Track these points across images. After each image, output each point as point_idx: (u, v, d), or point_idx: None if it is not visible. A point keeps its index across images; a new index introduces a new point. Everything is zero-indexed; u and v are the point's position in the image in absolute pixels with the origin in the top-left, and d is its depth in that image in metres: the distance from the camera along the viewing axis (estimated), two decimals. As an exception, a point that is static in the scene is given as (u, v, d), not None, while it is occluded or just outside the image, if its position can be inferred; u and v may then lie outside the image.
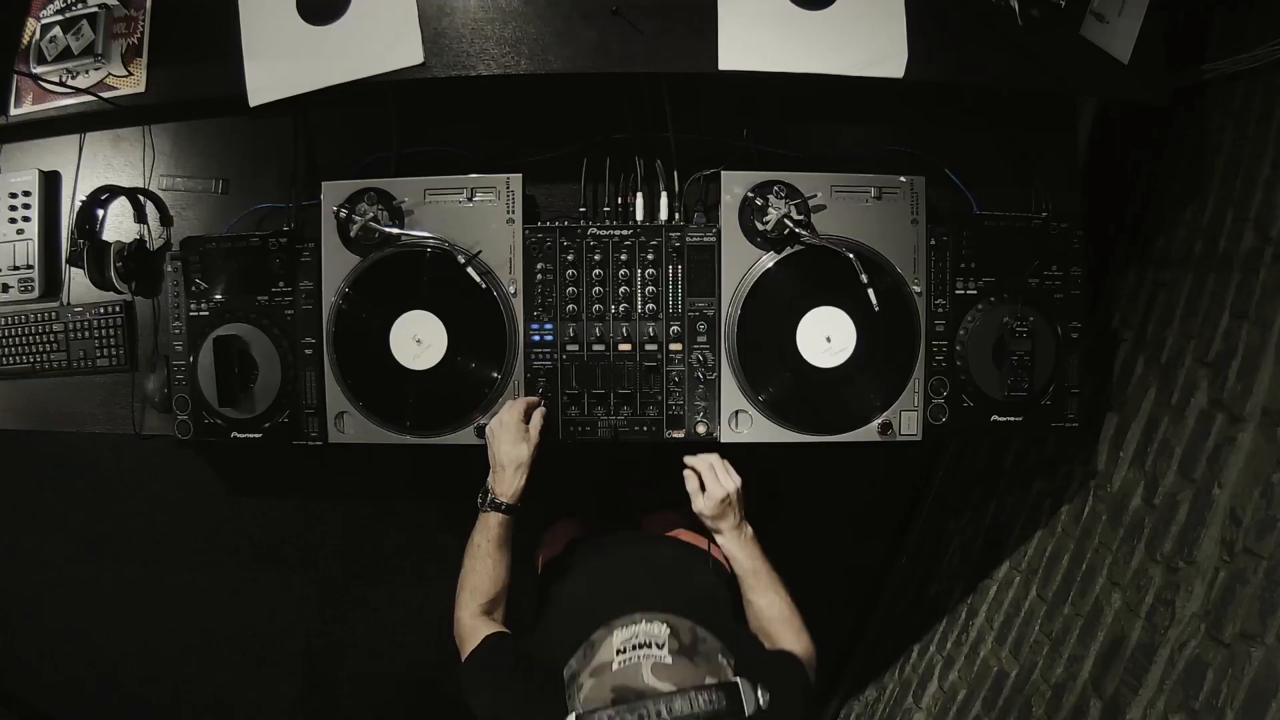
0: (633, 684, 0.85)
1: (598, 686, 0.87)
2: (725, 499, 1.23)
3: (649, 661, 0.87)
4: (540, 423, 1.34)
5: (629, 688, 0.85)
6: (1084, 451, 1.70)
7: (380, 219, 1.44)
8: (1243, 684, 1.17)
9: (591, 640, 0.93)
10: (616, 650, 0.89)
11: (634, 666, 0.87)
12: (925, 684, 2.11)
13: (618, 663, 0.88)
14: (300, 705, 2.48)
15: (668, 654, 0.88)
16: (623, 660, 0.88)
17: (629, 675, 0.86)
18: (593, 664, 0.90)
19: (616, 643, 0.90)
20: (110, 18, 1.51)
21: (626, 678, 0.86)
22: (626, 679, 0.86)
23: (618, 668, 0.87)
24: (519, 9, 1.39)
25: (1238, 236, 1.41)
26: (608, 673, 0.87)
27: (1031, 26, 1.35)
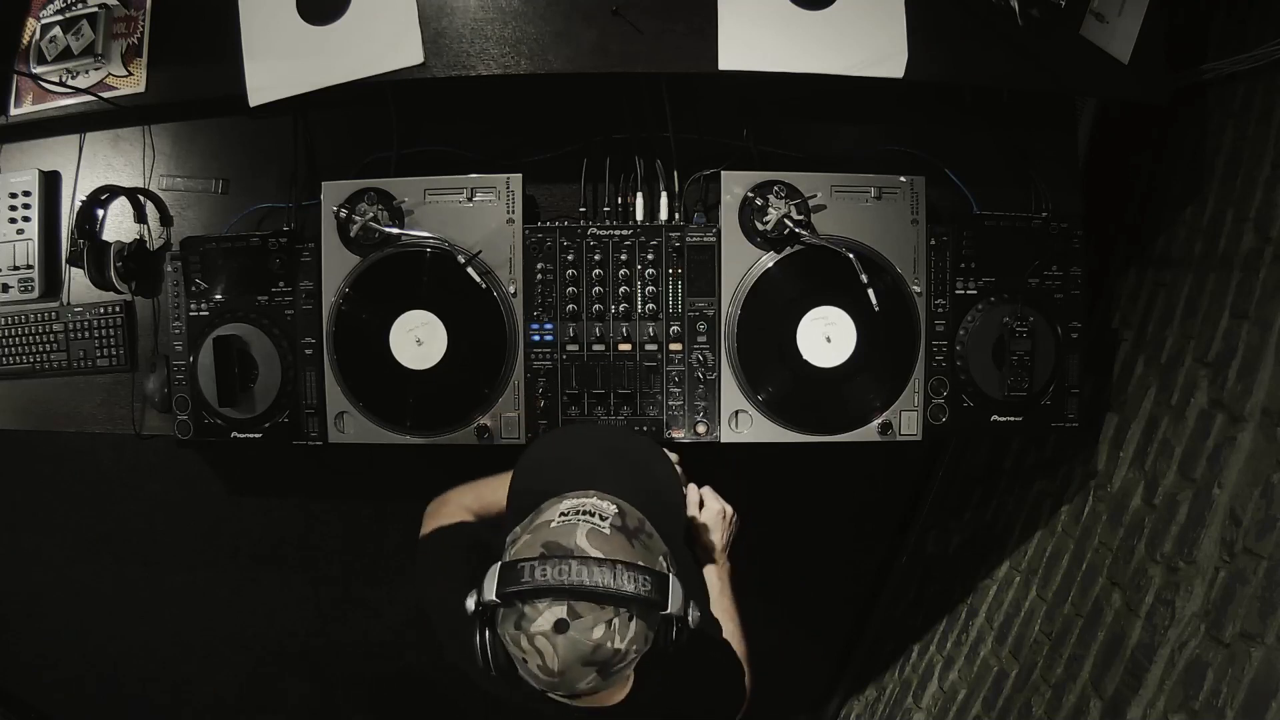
0: (564, 541, 0.82)
1: (530, 542, 0.84)
2: (723, 514, 1.24)
3: (586, 526, 0.83)
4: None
5: (559, 544, 0.82)
6: (1084, 451, 1.70)
7: (380, 219, 1.44)
8: (1243, 684, 1.17)
9: (540, 507, 0.90)
10: (559, 513, 0.86)
11: (570, 526, 0.83)
12: (925, 684, 2.11)
13: (556, 522, 0.85)
14: (300, 705, 2.48)
15: (608, 527, 0.84)
16: (562, 521, 0.85)
17: (562, 534, 0.83)
18: (533, 524, 0.87)
19: (562, 507, 0.87)
20: (110, 18, 1.51)
21: (559, 535, 0.83)
22: (559, 536, 0.83)
23: (554, 526, 0.84)
24: (519, 9, 1.39)
25: (1238, 236, 1.41)
26: (544, 530, 0.84)
27: (1031, 26, 1.35)
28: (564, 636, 0.79)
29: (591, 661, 0.80)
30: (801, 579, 1.31)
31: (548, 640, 0.79)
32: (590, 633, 0.79)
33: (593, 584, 0.79)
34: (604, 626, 0.79)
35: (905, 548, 2.37)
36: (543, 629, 0.79)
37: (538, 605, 0.79)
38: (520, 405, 1.47)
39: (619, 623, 0.80)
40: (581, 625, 0.79)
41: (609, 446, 1.14)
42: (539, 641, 0.79)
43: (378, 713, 2.49)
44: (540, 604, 0.79)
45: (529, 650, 0.80)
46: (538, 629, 0.79)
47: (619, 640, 0.80)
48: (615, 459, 1.06)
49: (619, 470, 1.01)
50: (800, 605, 1.26)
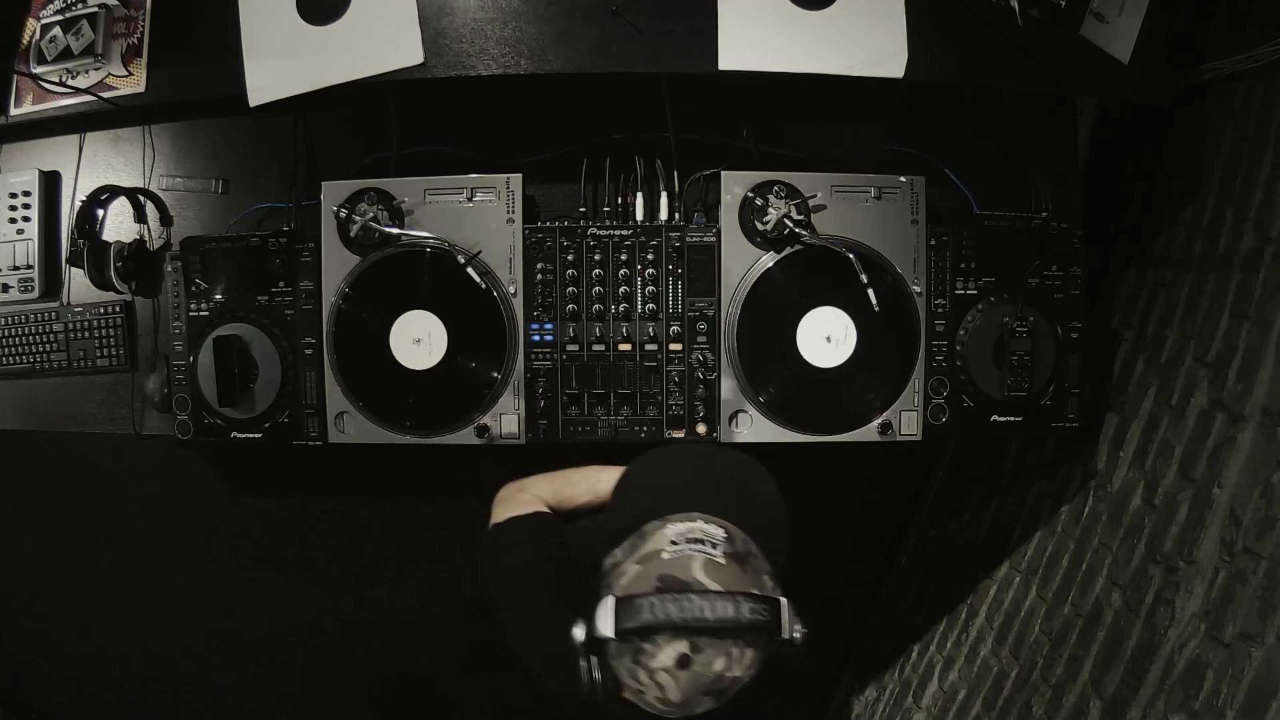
0: (681, 575, 0.80)
1: (643, 574, 0.82)
2: None
3: (701, 557, 0.82)
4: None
5: (676, 578, 0.80)
6: (1084, 451, 1.70)
7: (380, 219, 1.44)
8: (1243, 684, 1.17)
9: (643, 530, 0.88)
10: (670, 541, 0.84)
11: (685, 559, 0.82)
12: (925, 684, 2.11)
13: (668, 552, 0.83)
14: (300, 705, 2.48)
15: (721, 555, 0.83)
16: (675, 551, 0.83)
17: (679, 566, 0.81)
18: (641, 552, 0.85)
19: (670, 534, 0.85)
20: (110, 18, 1.51)
21: (675, 568, 0.81)
22: (675, 569, 0.81)
23: (668, 557, 0.82)
24: (519, 9, 1.39)
25: (1238, 236, 1.41)
26: (656, 561, 0.82)
27: (1031, 26, 1.35)
28: (687, 671, 0.78)
29: (711, 690, 0.80)
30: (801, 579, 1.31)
31: (670, 675, 0.78)
32: (711, 665, 0.79)
33: (716, 619, 0.78)
34: (724, 658, 0.79)
35: (905, 548, 2.37)
36: (664, 665, 0.78)
37: (657, 641, 0.79)
38: (520, 405, 1.47)
39: (738, 652, 0.80)
40: (703, 659, 0.78)
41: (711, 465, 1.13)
42: (660, 677, 0.79)
43: (378, 713, 2.49)
44: (660, 639, 0.78)
45: (648, 684, 0.79)
46: (659, 665, 0.78)
47: (738, 669, 0.80)
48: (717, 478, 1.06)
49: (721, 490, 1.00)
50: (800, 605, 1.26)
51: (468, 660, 2.38)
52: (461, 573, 2.38)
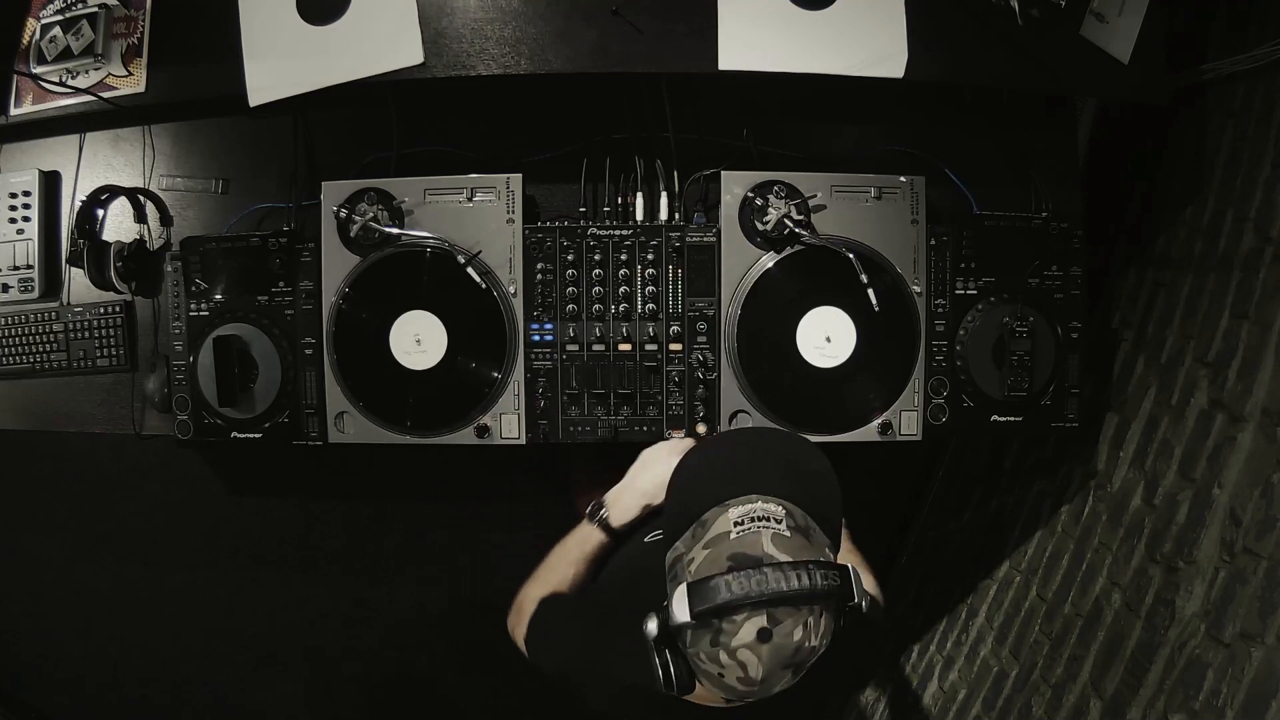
0: (752, 551, 0.81)
1: (713, 556, 0.82)
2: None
3: (769, 532, 0.82)
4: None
5: (748, 554, 0.81)
6: (1084, 451, 1.70)
7: (380, 219, 1.44)
8: (1243, 684, 1.17)
9: (704, 519, 0.88)
10: (734, 523, 0.84)
11: (754, 535, 0.82)
12: (925, 684, 2.11)
13: (735, 533, 0.83)
14: (300, 705, 2.48)
15: (786, 529, 0.84)
16: (741, 530, 0.83)
17: (748, 543, 0.82)
18: (706, 538, 0.85)
19: (733, 516, 0.85)
20: (110, 18, 1.51)
21: (745, 545, 0.82)
22: (745, 546, 0.81)
23: (735, 536, 0.83)
24: (519, 9, 1.39)
25: (1238, 236, 1.41)
26: (725, 542, 0.83)
27: (1031, 26, 1.35)
28: (768, 645, 0.78)
29: (791, 663, 0.80)
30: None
31: (751, 651, 0.79)
32: (792, 636, 0.79)
33: (791, 588, 0.78)
34: (802, 628, 0.79)
35: (905, 548, 2.37)
36: (746, 640, 0.78)
37: (735, 619, 0.79)
38: (520, 405, 1.47)
39: (813, 621, 0.80)
40: (783, 630, 0.79)
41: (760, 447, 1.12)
42: (741, 654, 0.79)
43: (378, 713, 2.49)
44: (738, 617, 0.79)
45: (729, 664, 0.79)
46: (740, 641, 0.79)
47: (814, 638, 0.81)
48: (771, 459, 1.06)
49: (776, 469, 1.00)
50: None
51: (467, 660, 2.38)
52: (461, 573, 2.38)
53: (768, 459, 1.05)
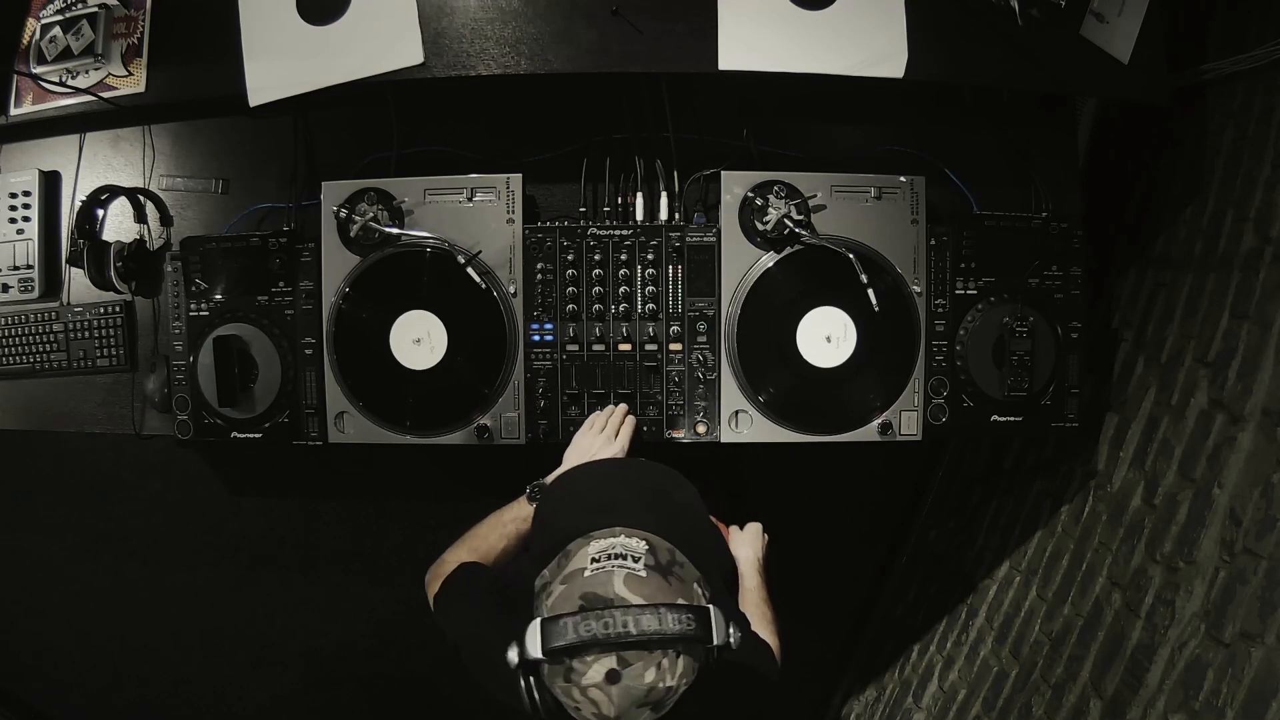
0: (602, 592, 0.81)
1: (566, 593, 0.83)
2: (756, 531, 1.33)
3: (622, 572, 0.83)
4: (630, 434, 1.35)
5: (598, 595, 0.81)
6: (1084, 451, 1.70)
7: (380, 219, 1.44)
8: (1243, 684, 1.17)
9: (567, 550, 0.89)
10: (591, 558, 0.85)
11: (606, 574, 0.82)
12: (925, 684, 2.11)
13: (590, 570, 0.84)
14: (300, 705, 2.48)
15: (642, 568, 0.83)
16: (595, 568, 0.84)
17: (600, 583, 0.82)
18: (565, 571, 0.86)
19: (592, 551, 0.86)
20: (110, 18, 1.51)
21: (596, 585, 0.82)
22: (597, 586, 0.82)
23: (589, 574, 0.83)
24: (519, 9, 1.39)
25: (1238, 236, 1.41)
26: (579, 579, 0.83)
27: (1031, 26, 1.35)
28: (617, 686, 0.78)
29: (645, 703, 0.80)
30: (801, 579, 1.32)
31: (601, 691, 0.79)
32: (642, 678, 0.79)
33: (639, 632, 0.78)
34: (654, 669, 0.79)
35: (905, 548, 2.37)
36: (594, 681, 0.79)
37: (585, 659, 0.79)
38: (520, 405, 1.47)
39: (668, 662, 0.80)
40: (633, 673, 0.79)
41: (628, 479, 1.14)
42: (592, 693, 0.79)
43: (378, 713, 2.49)
44: (588, 657, 0.79)
45: (581, 701, 0.80)
46: (589, 681, 0.79)
47: (670, 679, 0.80)
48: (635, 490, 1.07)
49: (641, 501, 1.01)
50: (800, 605, 1.27)
51: (468, 660, 2.37)
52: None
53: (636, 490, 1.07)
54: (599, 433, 1.36)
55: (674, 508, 1.03)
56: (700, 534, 1.01)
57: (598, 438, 1.35)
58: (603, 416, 1.40)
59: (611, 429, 1.37)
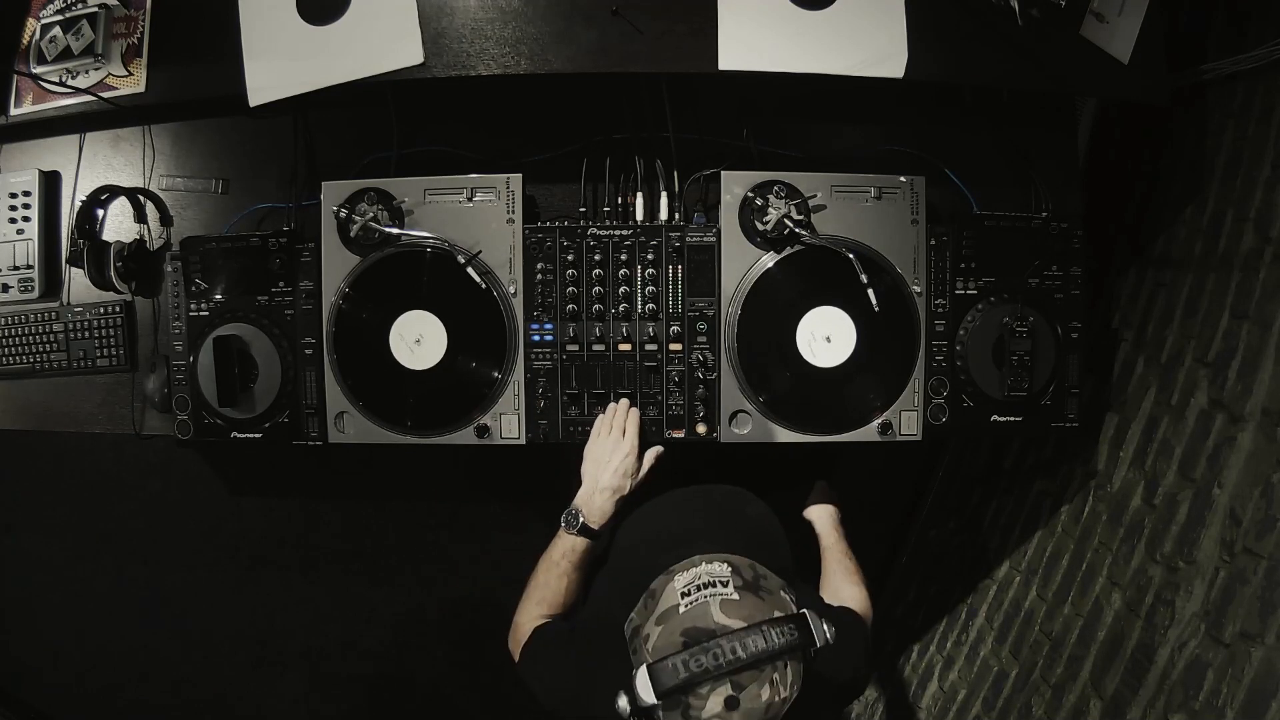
0: (702, 624, 0.82)
1: (666, 632, 0.83)
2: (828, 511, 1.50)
3: (716, 600, 0.83)
4: (654, 461, 1.35)
5: (699, 628, 0.82)
6: (1084, 451, 1.70)
7: (380, 219, 1.44)
8: (1243, 684, 1.17)
9: (651, 589, 0.89)
10: (680, 593, 0.85)
11: (702, 605, 0.83)
12: (925, 684, 2.11)
13: (684, 605, 0.84)
14: (300, 705, 2.48)
15: (733, 590, 0.84)
16: (689, 602, 0.84)
17: (698, 616, 0.83)
18: (657, 612, 0.86)
19: (679, 586, 0.86)
20: (110, 18, 1.51)
21: (695, 619, 0.83)
22: (695, 620, 0.83)
23: (685, 610, 0.84)
24: (519, 9, 1.39)
25: (1238, 236, 1.41)
26: (675, 617, 0.84)
27: (1031, 26, 1.35)
28: (738, 711, 0.79)
29: (765, 718, 0.81)
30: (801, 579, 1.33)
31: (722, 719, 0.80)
32: (759, 698, 0.80)
33: (748, 655, 0.79)
34: (768, 686, 0.80)
35: (905, 548, 2.37)
36: (714, 712, 0.79)
37: (700, 693, 0.80)
38: (520, 405, 1.47)
39: (779, 676, 0.81)
40: (749, 695, 0.80)
41: (696, 506, 1.15)
42: None
43: (378, 713, 2.49)
44: (703, 690, 0.79)
45: None
46: (709, 713, 0.80)
47: (783, 690, 0.82)
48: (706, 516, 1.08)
49: (713, 525, 1.02)
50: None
51: (468, 660, 2.38)
52: (461, 573, 2.38)
53: (705, 516, 1.08)
54: (607, 435, 1.36)
55: (745, 524, 1.04)
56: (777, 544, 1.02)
57: (608, 441, 1.35)
58: (607, 419, 1.40)
59: (619, 428, 1.37)
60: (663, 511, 1.19)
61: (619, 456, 1.32)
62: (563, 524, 1.27)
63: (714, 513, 1.10)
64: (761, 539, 0.99)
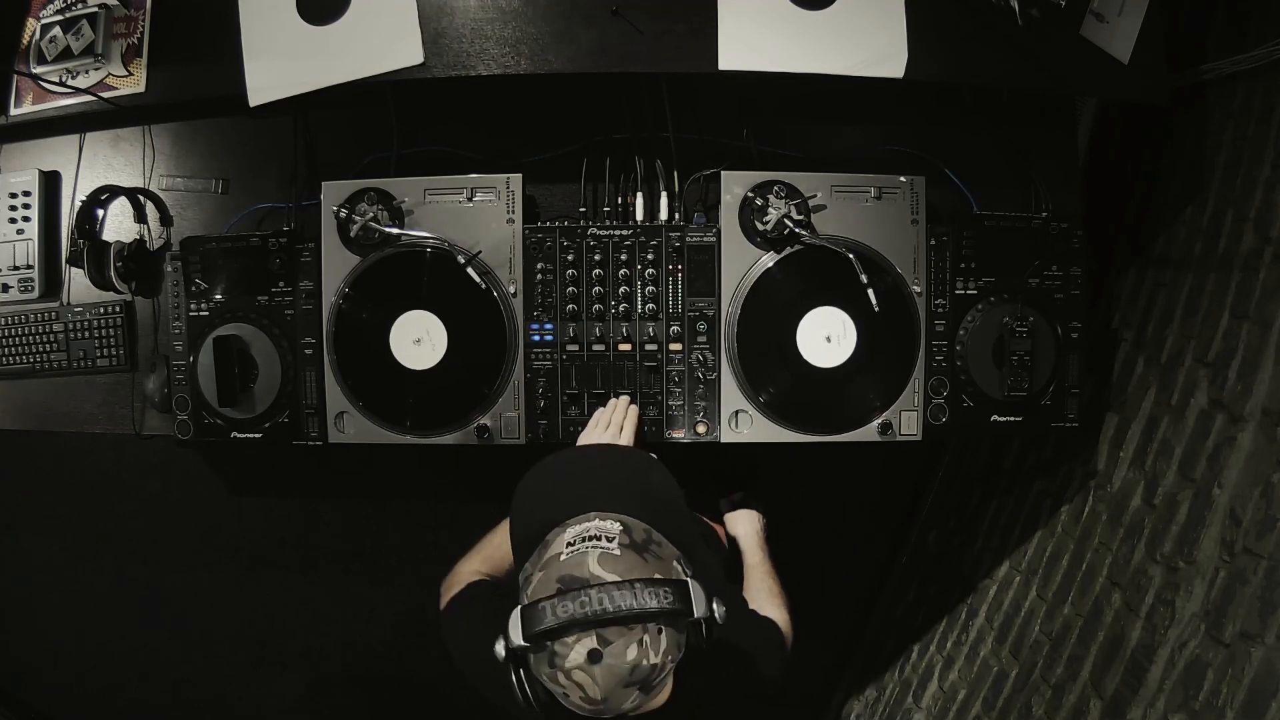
0: (578, 573, 0.81)
1: (544, 579, 0.83)
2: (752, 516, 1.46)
3: (596, 552, 0.82)
4: (634, 427, 1.36)
5: (574, 576, 0.81)
6: (1084, 451, 1.70)
7: (380, 219, 1.44)
8: (1243, 684, 1.17)
9: (545, 540, 0.88)
10: (566, 543, 0.85)
11: (580, 555, 0.82)
12: (925, 684, 2.11)
13: (565, 554, 0.84)
14: (300, 705, 2.48)
15: (616, 546, 0.83)
16: (571, 551, 0.84)
17: (574, 565, 0.82)
18: (543, 559, 0.86)
19: (567, 536, 0.86)
20: (110, 18, 1.51)
21: (571, 567, 0.82)
22: (571, 568, 0.82)
23: (564, 558, 0.83)
24: (519, 9, 1.39)
25: (1238, 236, 1.41)
26: (555, 564, 0.83)
27: (1031, 26, 1.35)
28: (599, 665, 0.78)
29: (631, 682, 0.80)
30: (801, 579, 1.33)
31: (584, 672, 0.79)
32: (624, 656, 0.79)
33: (615, 609, 0.78)
34: (636, 646, 0.79)
35: (905, 547, 2.37)
36: (577, 662, 0.78)
37: (566, 641, 0.79)
38: (520, 405, 1.47)
39: (649, 639, 0.80)
40: (614, 650, 0.78)
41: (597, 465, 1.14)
42: (576, 675, 0.79)
43: (378, 713, 2.49)
44: (569, 639, 0.79)
45: (568, 685, 0.80)
46: (572, 663, 0.79)
47: (653, 655, 0.80)
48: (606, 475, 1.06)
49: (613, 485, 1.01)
50: (800, 605, 1.27)
51: (468, 660, 2.37)
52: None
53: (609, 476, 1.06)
54: (604, 430, 1.37)
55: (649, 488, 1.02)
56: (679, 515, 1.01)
57: (603, 436, 1.36)
58: (605, 413, 1.40)
59: (616, 425, 1.37)
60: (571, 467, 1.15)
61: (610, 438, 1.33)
62: None
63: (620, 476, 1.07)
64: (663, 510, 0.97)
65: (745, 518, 1.47)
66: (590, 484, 1.02)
